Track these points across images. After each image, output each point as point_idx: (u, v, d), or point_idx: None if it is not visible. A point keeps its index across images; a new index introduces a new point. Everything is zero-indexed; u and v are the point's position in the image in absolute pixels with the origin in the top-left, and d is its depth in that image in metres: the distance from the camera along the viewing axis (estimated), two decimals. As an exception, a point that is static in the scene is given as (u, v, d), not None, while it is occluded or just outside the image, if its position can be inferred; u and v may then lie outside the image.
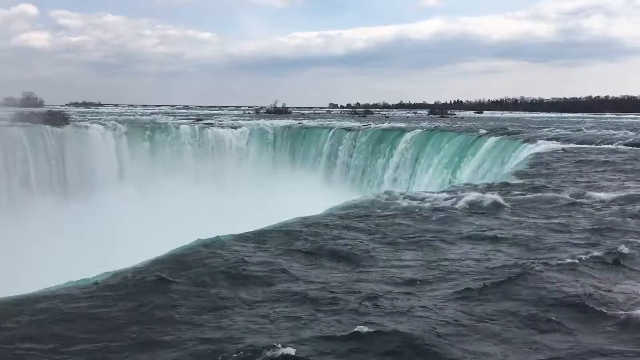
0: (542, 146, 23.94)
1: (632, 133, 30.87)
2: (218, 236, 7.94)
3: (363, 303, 5.90)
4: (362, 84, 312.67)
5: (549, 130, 34.57)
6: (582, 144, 25.18)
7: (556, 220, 9.95)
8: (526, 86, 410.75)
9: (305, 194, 30.36)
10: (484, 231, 9.25)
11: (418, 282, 6.70)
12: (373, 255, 7.83)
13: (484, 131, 33.20)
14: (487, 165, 24.92)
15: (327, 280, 6.66)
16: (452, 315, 5.60)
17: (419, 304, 5.89)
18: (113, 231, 25.17)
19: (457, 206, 11.05)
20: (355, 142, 39.54)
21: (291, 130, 44.37)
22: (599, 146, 24.17)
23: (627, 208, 10.81)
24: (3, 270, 18.26)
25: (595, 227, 9.41)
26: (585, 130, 35.15)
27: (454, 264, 7.47)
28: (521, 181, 14.41)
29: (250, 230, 8.61)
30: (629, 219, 9.92)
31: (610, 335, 5.22)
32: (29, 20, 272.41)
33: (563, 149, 22.80)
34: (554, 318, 5.58)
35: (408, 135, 35.89)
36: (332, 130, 42.21)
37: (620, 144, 24.59)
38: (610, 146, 24.10)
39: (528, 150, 23.23)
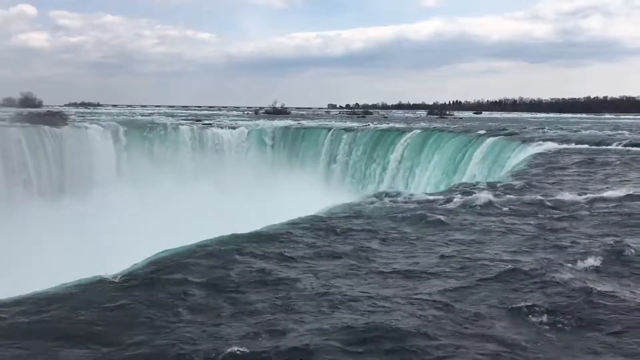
0: (537, 148, 23.94)
1: (629, 134, 30.95)
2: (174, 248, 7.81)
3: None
4: (361, 85, 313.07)
5: (543, 132, 34.53)
6: (579, 144, 25.21)
7: (531, 222, 9.96)
8: (525, 86, 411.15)
9: (305, 194, 30.40)
10: (461, 233, 9.29)
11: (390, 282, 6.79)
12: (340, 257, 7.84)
13: (483, 131, 33.24)
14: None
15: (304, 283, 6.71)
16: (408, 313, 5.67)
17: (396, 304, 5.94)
18: (112, 231, 25.20)
19: (447, 208, 11.12)
20: (354, 142, 39.60)
21: (290, 131, 44.41)
22: (597, 147, 24.21)
23: (619, 209, 10.88)
24: (2, 270, 18.28)
25: (565, 230, 9.40)
26: (583, 131, 35.22)
27: (433, 264, 7.53)
28: (513, 182, 14.49)
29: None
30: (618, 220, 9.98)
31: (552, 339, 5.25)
32: (28, 20, 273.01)
33: (559, 150, 22.87)
34: (486, 316, 5.62)
35: (399, 149, 35.71)
36: (331, 131, 42.25)
37: (619, 144, 24.65)
38: (608, 147, 24.15)
39: (519, 157, 22.99)
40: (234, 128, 44.76)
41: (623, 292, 6.33)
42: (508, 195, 12.24)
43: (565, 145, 24.48)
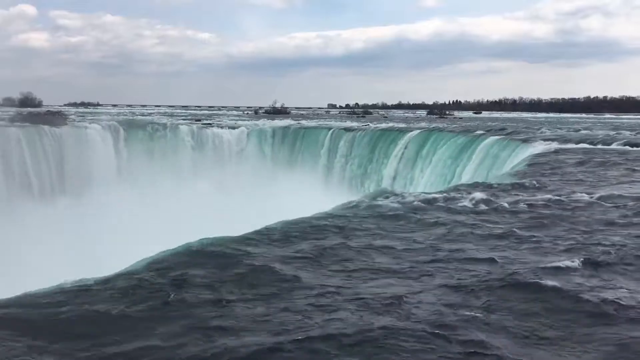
0: (536, 149, 23.93)
1: (630, 134, 30.94)
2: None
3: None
4: (361, 84, 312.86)
5: (542, 132, 34.44)
6: (579, 143, 25.22)
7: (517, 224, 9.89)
8: (525, 86, 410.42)
9: (305, 194, 30.42)
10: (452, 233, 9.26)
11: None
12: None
13: (480, 131, 33.21)
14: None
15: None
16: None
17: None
18: (112, 231, 25.19)
19: (428, 208, 11.07)
20: (354, 142, 39.59)
21: (290, 131, 44.40)
22: (594, 147, 24.22)
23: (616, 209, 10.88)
24: (2, 270, 18.29)
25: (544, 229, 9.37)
26: (582, 131, 35.21)
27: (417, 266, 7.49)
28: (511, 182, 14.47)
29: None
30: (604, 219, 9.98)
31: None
32: (28, 20, 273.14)
33: (558, 150, 22.87)
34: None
35: (393, 162, 35.63)
36: (330, 131, 42.25)
37: (619, 144, 24.66)
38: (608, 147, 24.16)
39: (519, 157, 22.91)
40: (233, 128, 44.76)
41: (576, 289, 6.29)
42: (494, 196, 12.18)
43: (564, 145, 24.52)
